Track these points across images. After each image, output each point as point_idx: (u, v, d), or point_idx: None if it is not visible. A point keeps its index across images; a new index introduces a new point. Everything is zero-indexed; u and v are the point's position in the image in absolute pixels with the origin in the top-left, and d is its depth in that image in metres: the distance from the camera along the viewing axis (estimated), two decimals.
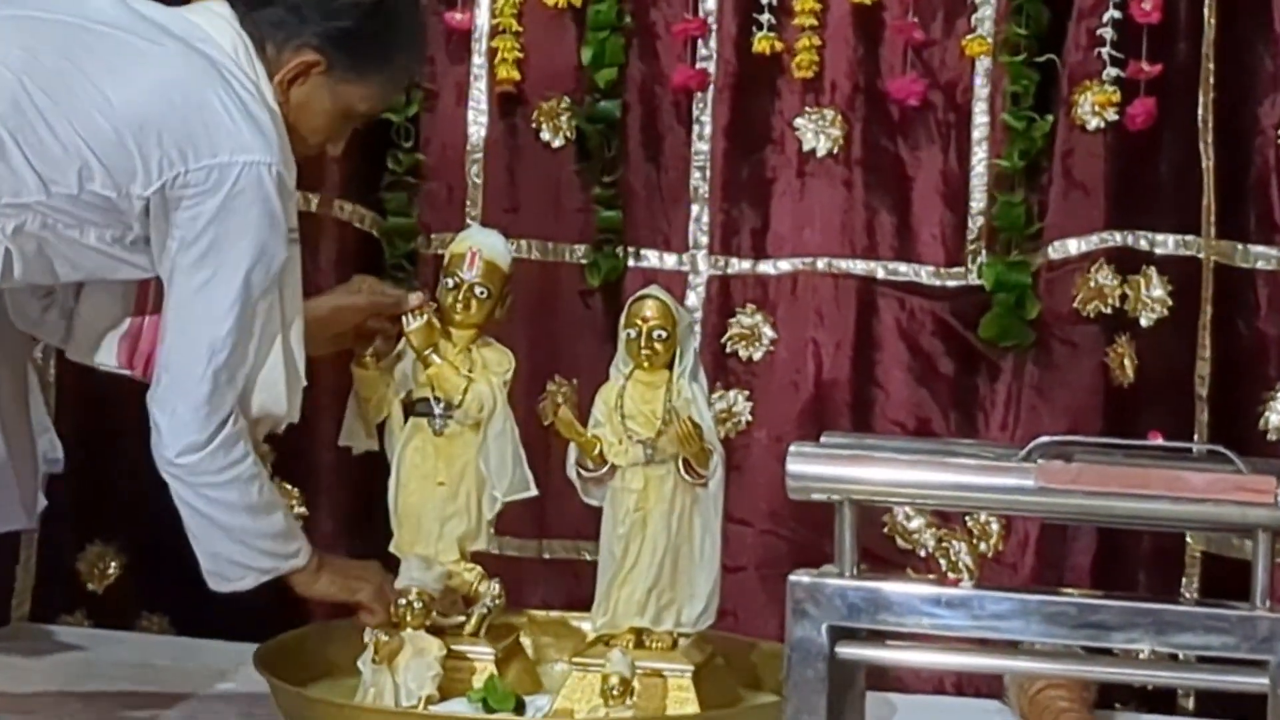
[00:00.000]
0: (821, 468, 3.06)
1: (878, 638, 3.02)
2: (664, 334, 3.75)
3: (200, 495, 3.59)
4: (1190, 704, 4.06)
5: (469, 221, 4.36)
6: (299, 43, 3.55)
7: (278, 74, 3.55)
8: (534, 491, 3.86)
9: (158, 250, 3.46)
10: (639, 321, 3.76)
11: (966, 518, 4.18)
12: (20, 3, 3.56)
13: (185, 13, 3.61)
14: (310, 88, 3.59)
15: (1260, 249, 4.13)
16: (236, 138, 3.42)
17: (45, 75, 3.39)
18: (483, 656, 3.81)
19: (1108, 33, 4.13)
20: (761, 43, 4.30)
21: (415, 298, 3.82)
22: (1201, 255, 4.12)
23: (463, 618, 3.85)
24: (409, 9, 3.72)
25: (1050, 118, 4.19)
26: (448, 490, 3.81)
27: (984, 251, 4.25)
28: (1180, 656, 3.16)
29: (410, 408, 3.82)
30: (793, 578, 2.99)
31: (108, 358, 3.66)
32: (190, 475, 3.57)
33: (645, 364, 3.76)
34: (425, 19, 3.95)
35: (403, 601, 3.80)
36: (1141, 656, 3.37)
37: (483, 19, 4.43)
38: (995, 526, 4.17)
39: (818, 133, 4.32)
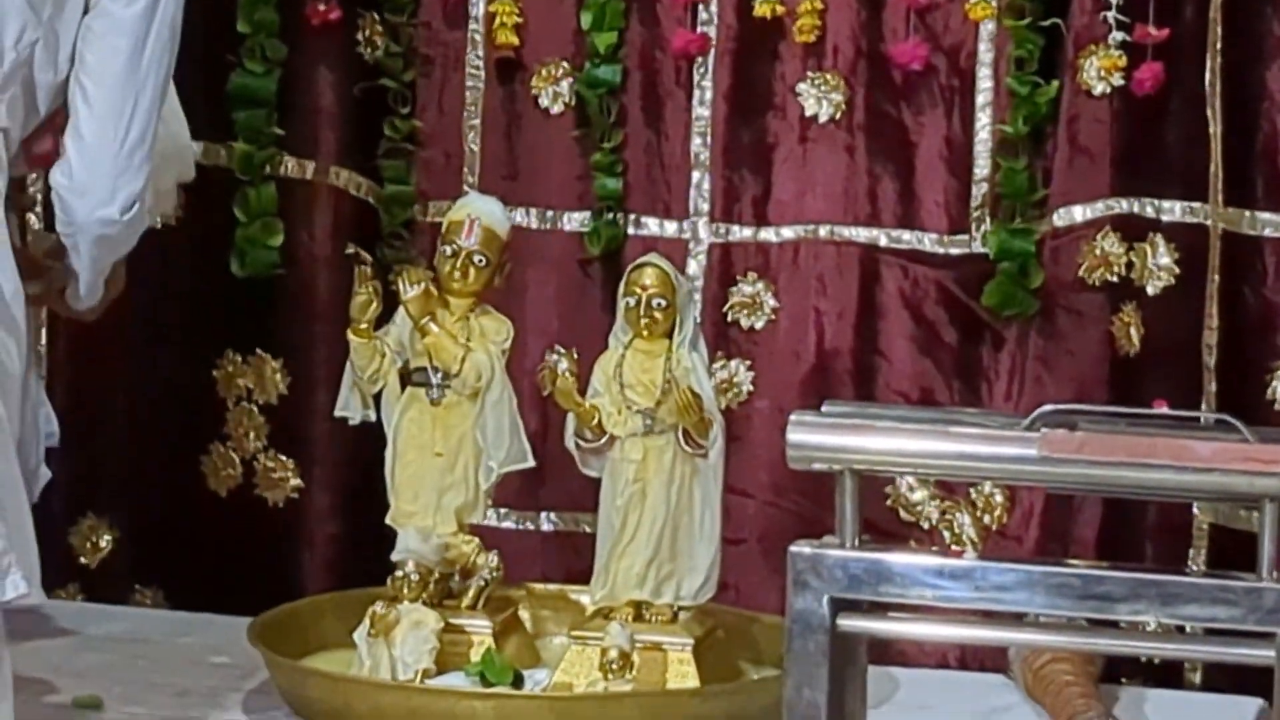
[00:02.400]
0: (823, 437, 3.07)
1: (880, 610, 3.03)
2: (663, 302, 3.77)
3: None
4: (1197, 678, 4.08)
5: (466, 189, 4.37)
6: None
7: None
8: (531, 463, 3.88)
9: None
10: (638, 290, 3.78)
11: (970, 489, 4.19)
12: None
13: None
14: None
15: (1268, 216, 4.13)
16: None
17: None
18: (480, 630, 3.83)
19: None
20: (763, 6, 4.31)
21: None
22: (1209, 223, 4.13)
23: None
24: None
25: (1055, 83, 4.20)
26: (445, 461, 3.82)
27: (988, 219, 4.26)
28: (1187, 629, 3.17)
29: (407, 377, 3.83)
30: (793, 549, 3.00)
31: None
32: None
33: (644, 333, 3.78)
34: None
35: (399, 574, 3.82)
36: (1148, 629, 3.38)
37: None
38: (999, 498, 4.18)
39: (820, 98, 4.33)
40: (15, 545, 3.32)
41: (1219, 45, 4.12)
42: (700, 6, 4.35)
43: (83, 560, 4.49)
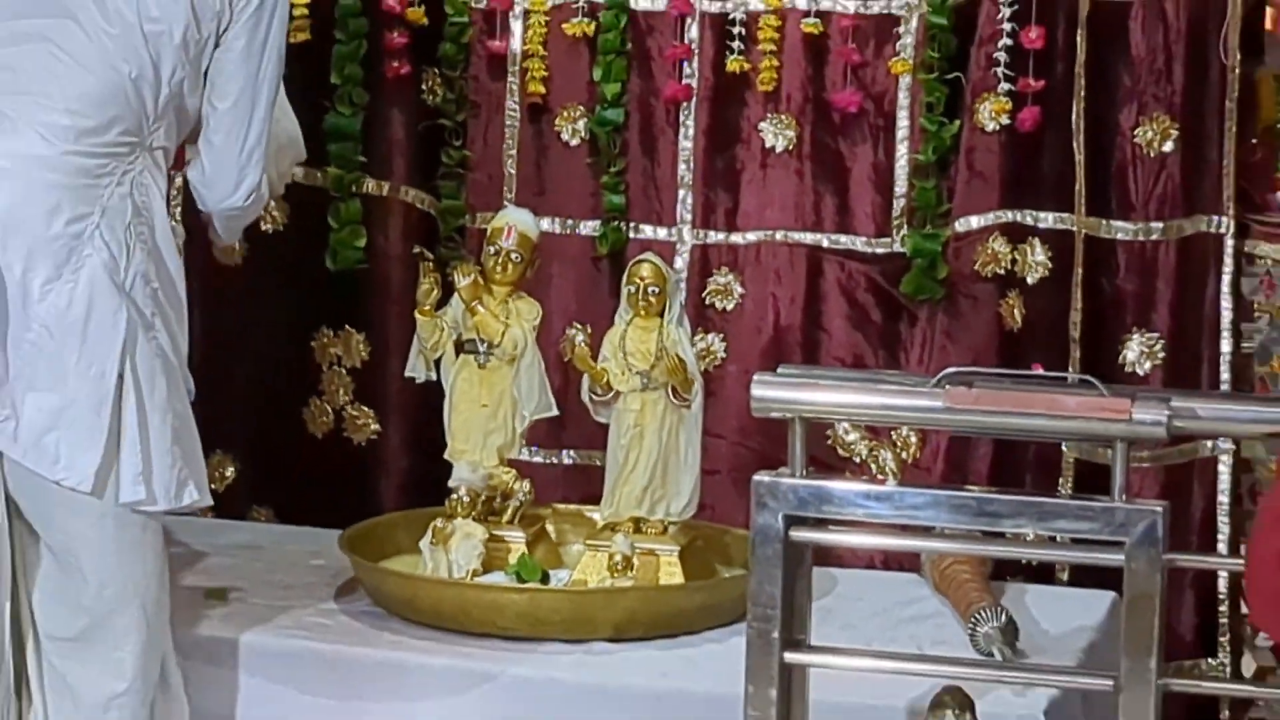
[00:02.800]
0: (778, 392, 3.08)
1: (822, 524, 3.04)
2: (656, 289, 3.79)
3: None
4: (1065, 576, 4.09)
5: (505, 203, 4.36)
6: None
7: None
8: (555, 411, 3.90)
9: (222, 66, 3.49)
10: (637, 280, 3.80)
11: (891, 432, 4.20)
12: None
13: None
14: None
15: (1120, 223, 4.15)
16: None
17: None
18: (516, 539, 3.85)
19: (1002, 55, 4.13)
20: (733, 64, 4.31)
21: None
22: (1074, 229, 4.13)
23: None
24: None
25: (957, 122, 4.19)
26: (489, 410, 3.83)
27: (905, 226, 4.25)
28: (1057, 539, 3.18)
29: (460, 346, 3.83)
30: (756, 478, 3.01)
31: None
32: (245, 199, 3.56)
33: (642, 313, 3.80)
34: None
35: (454, 497, 3.83)
36: (1027, 539, 3.40)
37: (516, 45, 4.44)
38: (913, 439, 4.20)
39: (776, 134, 4.33)
40: (191, 466, 3.36)
41: (1083, 93, 4.12)
42: (685, 64, 4.35)
43: (213, 487, 4.48)
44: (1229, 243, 4.14)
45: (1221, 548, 4.05)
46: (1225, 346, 4.14)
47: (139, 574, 3.35)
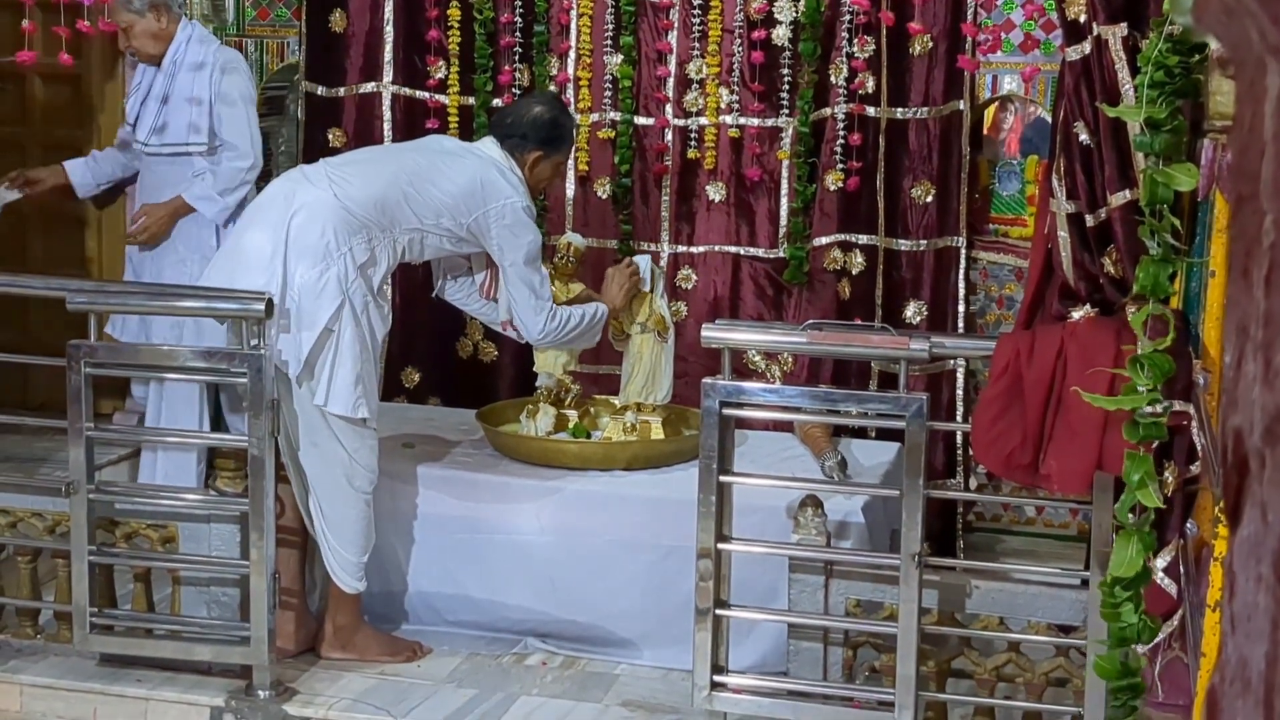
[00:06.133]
0: (716, 334, 3.08)
1: (740, 406, 3.05)
2: (649, 279, 3.79)
3: (557, 339, 3.57)
4: (873, 435, 4.08)
5: (567, 229, 4.32)
6: (529, 148, 3.52)
7: (525, 162, 3.51)
8: (593, 344, 3.81)
9: (485, 241, 3.46)
10: (626, 273, 3.79)
11: (778, 356, 4.19)
12: (416, 146, 3.58)
13: (477, 145, 3.57)
14: (537, 166, 3.56)
15: (903, 241, 4.13)
16: (506, 192, 3.41)
17: (417, 171, 3.38)
18: (571, 415, 3.84)
19: (839, 148, 4.10)
20: (692, 153, 4.29)
21: (643, 260, 3.83)
22: (878, 244, 4.13)
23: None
24: (569, 122, 3.67)
25: (814, 185, 4.16)
26: None
27: (786, 243, 4.23)
28: (869, 414, 3.19)
29: None
30: (704, 381, 3.03)
31: (469, 293, 3.69)
32: (549, 337, 3.55)
33: (640, 291, 3.79)
34: (574, 125, 3.84)
35: (539, 389, 3.84)
36: (852, 414, 3.40)
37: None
38: (790, 360, 4.18)
39: (715, 192, 4.30)
40: (368, 391, 3.31)
41: (882, 169, 4.11)
42: (664, 154, 4.31)
43: (405, 385, 4.50)
44: (962, 252, 4.12)
45: (958, 418, 4.08)
46: (961, 309, 4.14)
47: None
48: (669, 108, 4.31)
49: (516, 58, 4.36)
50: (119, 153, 4.05)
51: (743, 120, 4.25)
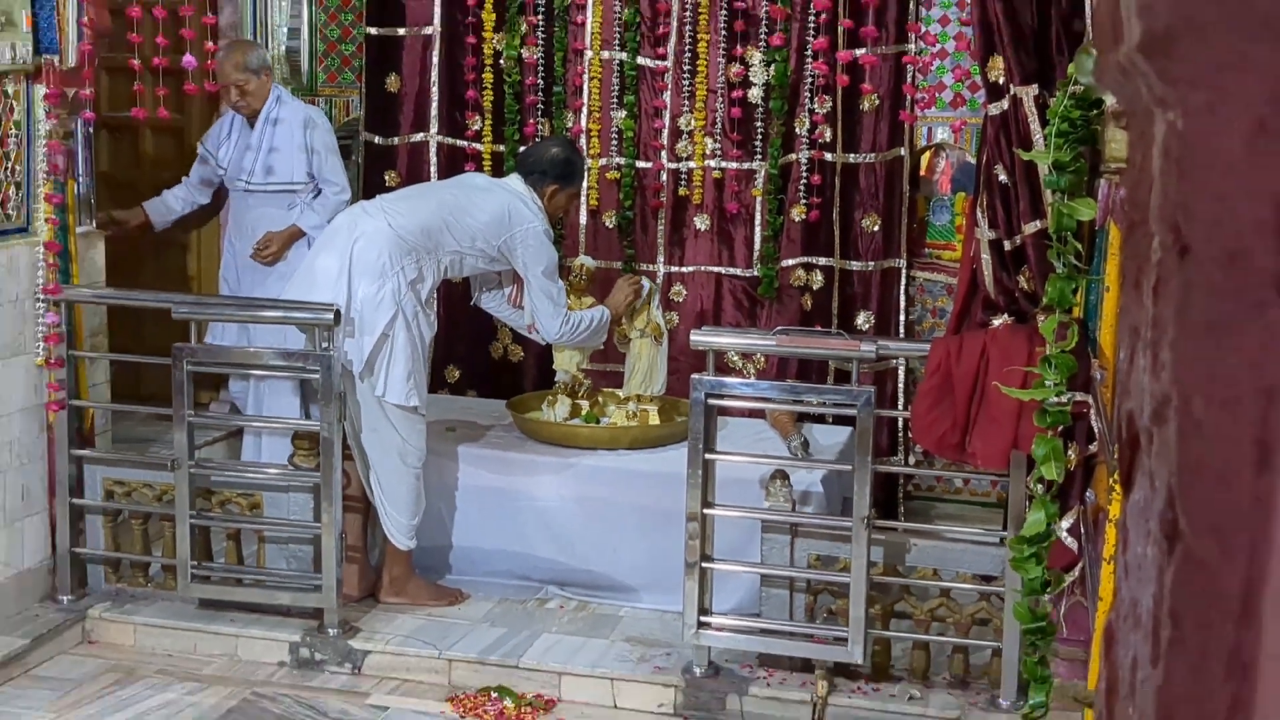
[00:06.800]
0: (702, 338, 3.08)
1: (722, 396, 3.04)
2: (647, 294, 3.77)
3: (571, 339, 3.56)
4: (830, 420, 4.03)
5: (580, 253, 4.27)
6: (547, 182, 3.50)
7: (544, 194, 3.50)
8: (601, 346, 3.80)
9: (513, 259, 3.45)
10: (639, 290, 3.77)
11: (752, 356, 4.16)
12: (454, 183, 3.59)
13: (505, 180, 3.55)
14: (555, 197, 3.54)
15: (854, 262, 4.10)
16: (528, 219, 3.40)
17: (456, 203, 3.37)
18: (584, 405, 3.80)
19: (802, 187, 4.08)
20: (682, 191, 4.25)
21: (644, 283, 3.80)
22: (834, 265, 4.10)
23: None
24: (579, 160, 3.64)
25: (782, 217, 4.13)
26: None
27: (759, 263, 4.20)
28: (827, 403, 3.18)
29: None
30: (693, 376, 3.02)
31: (500, 302, 3.67)
32: (564, 337, 3.55)
33: (638, 305, 3.77)
34: (584, 163, 3.81)
35: (557, 383, 3.81)
36: (814, 403, 3.38)
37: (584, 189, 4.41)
38: (763, 359, 4.15)
39: (701, 222, 4.26)
40: (418, 384, 3.31)
41: (836, 205, 4.09)
42: (660, 191, 4.28)
43: (448, 380, 4.44)
44: (903, 271, 4.10)
45: (899, 407, 4.06)
46: (902, 318, 4.11)
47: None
48: (664, 154, 4.28)
49: (539, 113, 4.34)
50: (190, 189, 4.13)
51: (724, 164, 4.22)
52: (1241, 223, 0.48)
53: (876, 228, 4.09)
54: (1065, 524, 2.67)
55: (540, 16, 4.28)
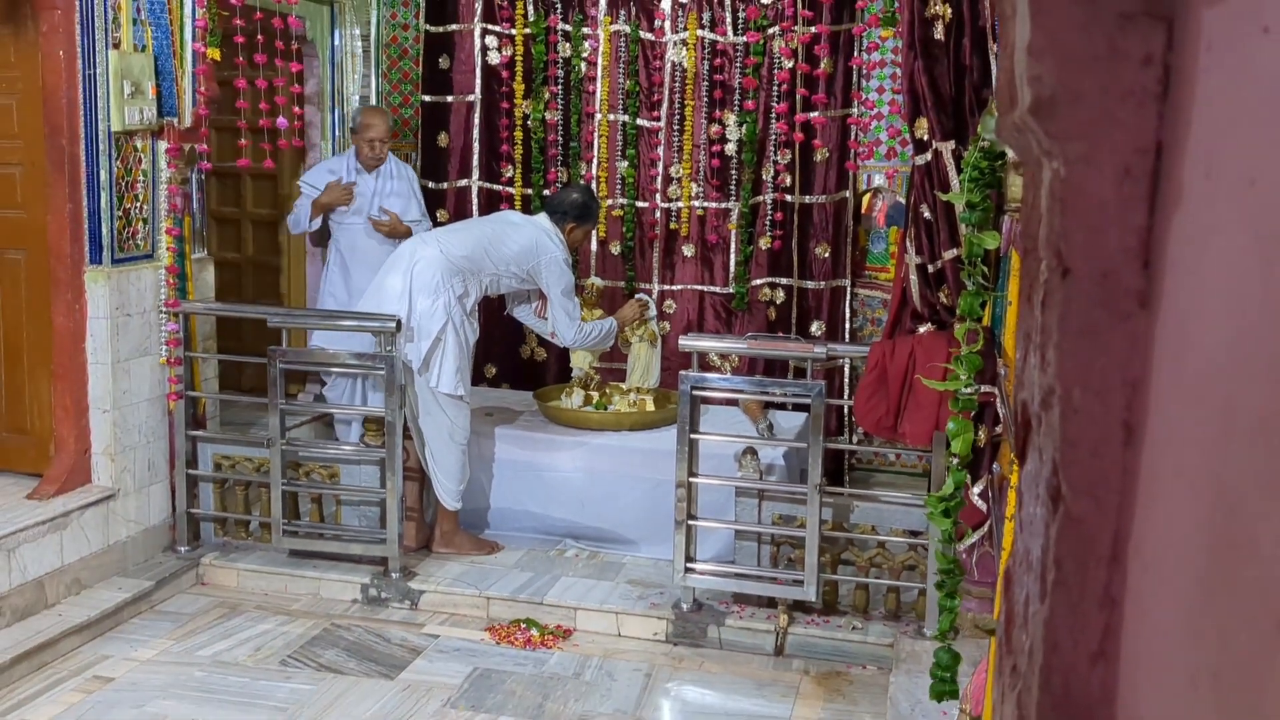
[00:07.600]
0: (688, 343, 3.07)
1: (704, 389, 3.03)
2: (644, 308, 3.75)
3: (583, 344, 3.53)
4: (790, 407, 4.00)
5: (592, 274, 4.28)
6: (568, 220, 3.49)
7: (565, 230, 3.48)
8: (608, 349, 3.78)
9: (539, 280, 3.43)
10: (639, 306, 3.75)
11: (729, 357, 4.15)
12: (493, 218, 3.54)
13: (535, 218, 3.53)
14: (574, 232, 3.51)
15: (809, 281, 4.07)
16: (552, 249, 3.39)
17: (494, 235, 3.36)
18: (595, 394, 3.78)
19: (770, 220, 4.07)
20: (674, 225, 4.25)
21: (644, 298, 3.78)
22: (794, 284, 4.09)
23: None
24: (595, 204, 3.60)
25: (752, 246, 4.13)
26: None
27: (733, 282, 4.18)
28: (788, 394, 3.17)
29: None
30: (681, 373, 3.01)
31: (528, 313, 3.64)
32: (578, 342, 3.51)
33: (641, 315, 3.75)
34: (598, 206, 3.74)
35: (574, 377, 3.78)
36: (776, 393, 3.38)
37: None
38: (737, 359, 4.14)
39: (688, 250, 4.26)
40: (464, 378, 3.31)
41: (796, 234, 4.06)
42: (655, 224, 4.27)
43: (486, 376, 4.47)
44: (848, 289, 4.08)
45: (845, 397, 4.04)
46: (847, 326, 4.10)
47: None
48: (658, 196, 4.27)
49: (559, 163, 4.34)
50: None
51: (705, 204, 4.21)
52: (1111, 249, 0.50)
53: (827, 254, 4.09)
54: (977, 489, 2.68)
55: (559, 86, 4.28)
